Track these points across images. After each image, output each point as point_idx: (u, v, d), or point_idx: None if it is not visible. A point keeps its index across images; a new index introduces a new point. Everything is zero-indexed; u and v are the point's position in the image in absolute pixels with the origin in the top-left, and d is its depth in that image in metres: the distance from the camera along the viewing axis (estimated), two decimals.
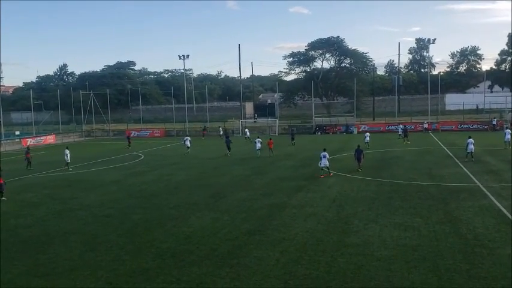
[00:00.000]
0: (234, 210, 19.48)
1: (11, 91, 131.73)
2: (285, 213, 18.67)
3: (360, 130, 64.64)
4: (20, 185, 28.20)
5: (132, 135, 68.15)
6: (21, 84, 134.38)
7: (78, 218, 19.17)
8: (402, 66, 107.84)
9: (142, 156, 42.58)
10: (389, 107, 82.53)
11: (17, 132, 67.77)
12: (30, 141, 60.61)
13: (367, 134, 44.42)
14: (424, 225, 16.26)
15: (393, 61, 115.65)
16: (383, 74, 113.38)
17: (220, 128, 65.45)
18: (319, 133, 65.93)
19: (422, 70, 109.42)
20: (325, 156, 27.10)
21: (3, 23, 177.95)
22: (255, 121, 79.34)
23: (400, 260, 12.83)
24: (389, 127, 63.92)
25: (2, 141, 58.13)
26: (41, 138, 64.07)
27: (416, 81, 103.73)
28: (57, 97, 77.77)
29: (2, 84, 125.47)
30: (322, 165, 27.20)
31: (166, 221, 18.09)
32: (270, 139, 40.20)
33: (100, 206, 21.56)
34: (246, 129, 60.79)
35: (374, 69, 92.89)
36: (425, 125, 61.24)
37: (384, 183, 24.77)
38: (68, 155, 34.23)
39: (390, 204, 19.61)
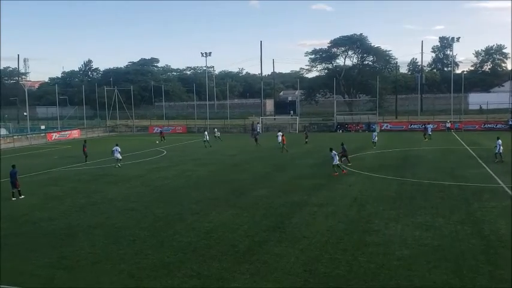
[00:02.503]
0: (253, 207, 19.57)
1: (36, 86, 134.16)
2: (305, 211, 18.68)
3: (382, 128, 64.14)
4: (45, 179, 28.80)
5: (154, 131, 69.02)
6: (47, 80, 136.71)
7: (101, 212, 19.53)
8: (425, 65, 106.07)
9: (165, 151, 43.03)
10: (412, 106, 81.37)
11: (43, 127, 69.23)
12: (55, 136, 61.90)
13: (375, 133, 43.93)
14: (446, 225, 16.08)
15: (416, 59, 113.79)
16: (406, 72, 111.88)
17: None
18: (340, 131, 65.52)
19: (446, 69, 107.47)
20: (335, 155, 27.45)
21: (30, 20, 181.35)
22: (275, 118, 79.25)
23: (421, 259, 12.73)
24: (412, 125, 63.32)
25: (27, 135, 59.48)
26: (66, 132, 65.27)
27: (439, 80, 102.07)
28: (82, 92, 79.00)
29: (28, 79, 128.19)
30: (335, 163, 27.40)
31: (187, 216, 18.30)
32: (283, 135, 42.52)
33: (123, 200, 21.91)
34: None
35: (397, 67, 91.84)
36: (448, 124, 60.31)
37: (406, 182, 24.55)
38: (119, 151, 33.60)
39: (412, 204, 19.44)
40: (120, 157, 33.62)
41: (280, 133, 43.60)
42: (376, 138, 42.47)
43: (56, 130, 65.93)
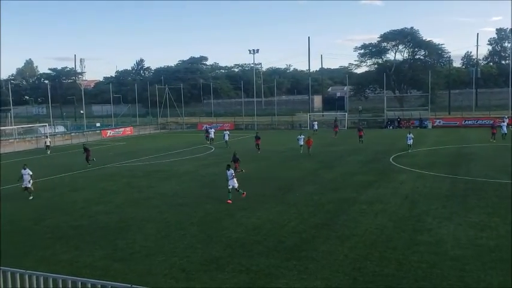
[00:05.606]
0: (301, 204, 19.55)
1: (92, 85, 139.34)
2: (354, 209, 18.47)
3: (435, 124, 62.31)
4: (100, 174, 29.97)
5: (203, 128, 70.06)
6: (101, 79, 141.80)
7: (153, 206, 20.13)
8: (481, 58, 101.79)
9: (213, 148, 43.67)
10: (466, 101, 78.34)
11: (98, 124, 72.12)
12: (110, 133, 64.26)
13: (411, 136, 37.48)
14: (503, 225, 15.45)
15: (471, 53, 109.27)
16: (460, 66, 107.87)
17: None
18: (390, 127, 64.11)
19: (503, 62, 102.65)
20: (232, 176, 20.54)
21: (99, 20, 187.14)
22: (323, 115, 78.65)
23: (476, 260, 12.32)
24: (466, 121, 61.18)
25: (84, 132, 62.13)
26: (120, 130, 67.53)
27: (495, 74, 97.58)
28: (135, 91, 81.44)
29: (84, 78, 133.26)
30: (230, 186, 20.49)
31: (235, 212, 18.54)
32: (309, 138, 38.43)
33: (174, 195, 22.48)
34: (315, 122, 60.97)
35: (450, 61, 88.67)
36: (506, 120, 57.64)
37: (459, 180, 23.74)
38: (30, 174, 22.79)
39: (465, 202, 18.80)
40: (29, 184, 22.53)
41: (302, 136, 39.04)
42: (412, 140, 36.62)
43: (110, 127, 68.41)
